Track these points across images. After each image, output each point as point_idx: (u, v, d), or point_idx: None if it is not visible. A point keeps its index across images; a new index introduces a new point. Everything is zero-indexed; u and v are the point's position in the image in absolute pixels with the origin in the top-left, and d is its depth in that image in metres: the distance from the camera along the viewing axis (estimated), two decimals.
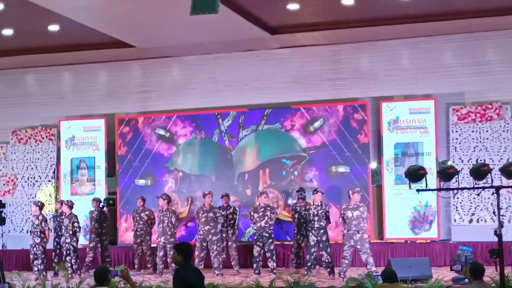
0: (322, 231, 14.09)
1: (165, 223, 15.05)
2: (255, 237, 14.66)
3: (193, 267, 8.15)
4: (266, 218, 14.51)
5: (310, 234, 14.22)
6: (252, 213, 14.74)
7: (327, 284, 12.60)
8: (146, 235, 15.92)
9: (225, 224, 15.45)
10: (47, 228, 15.63)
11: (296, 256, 15.23)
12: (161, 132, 17.58)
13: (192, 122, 17.45)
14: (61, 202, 16.17)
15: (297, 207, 15.25)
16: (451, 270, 9.72)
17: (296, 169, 16.77)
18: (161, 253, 15.08)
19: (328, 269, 14.00)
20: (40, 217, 15.57)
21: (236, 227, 15.82)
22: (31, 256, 15.63)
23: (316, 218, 14.10)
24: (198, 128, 17.40)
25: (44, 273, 15.14)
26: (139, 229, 15.89)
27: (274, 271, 14.33)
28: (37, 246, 15.50)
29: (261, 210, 14.61)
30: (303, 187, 15.80)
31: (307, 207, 14.68)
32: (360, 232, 13.45)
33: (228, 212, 15.57)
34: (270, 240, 14.54)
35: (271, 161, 16.94)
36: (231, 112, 17.26)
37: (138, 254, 16.04)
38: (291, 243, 15.60)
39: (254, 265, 14.55)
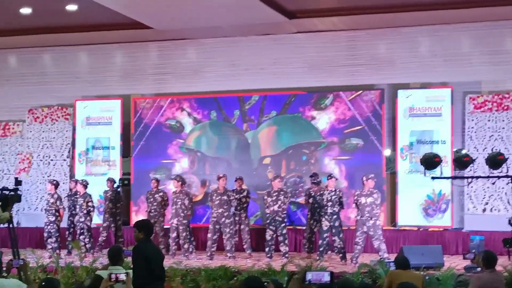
0: (335, 216, 14.12)
1: (178, 204, 15.08)
2: (268, 221, 14.70)
3: (153, 244, 8.30)
4: (279, 202, 14.54)
5: (323, 219, 14.26)
6: (265, 197, 14.77)
7: (339, 269, 12.62)
8: (159, 216, 15.93)
9: (238, 208, 15.48)
10: (61, 206, 15.77)
11: (308, 241, 15.27)
12: (177, 113, 17.59)
13: (214, 100, 17.43)
14: (76, 181, 16.27)
15: (311, 192, 15.27)
16: (464, 258, 9.76)
17: (314, 155, 16.75)
18: (174, 235, 15.12)
19: (340, 255, 14.04)
20: (55, 196, 15.71)
21: None
22: (45, 234, 15.77)
23: (329, 203, 14.13)
24: (219, 108, 17.38)
25: (57, 251, 15.27)
26: (152, 210, 15.90)
27: (286, 255, 14.36)
28: (51, 224, 15.64)
29: (274, 194, 14.63)
30: (316, 172, 15.79)
31: (321, 192, 14.70)
32: (373, 219, 13.49)
33: (241, 195, 15.58)
34: (283, 225, 14.57)
35: (291, 146, 16.89)
36: (253, 95, 17.25)
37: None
38: (304, 227, 15.66)
39: (266, 249, 14.60)
